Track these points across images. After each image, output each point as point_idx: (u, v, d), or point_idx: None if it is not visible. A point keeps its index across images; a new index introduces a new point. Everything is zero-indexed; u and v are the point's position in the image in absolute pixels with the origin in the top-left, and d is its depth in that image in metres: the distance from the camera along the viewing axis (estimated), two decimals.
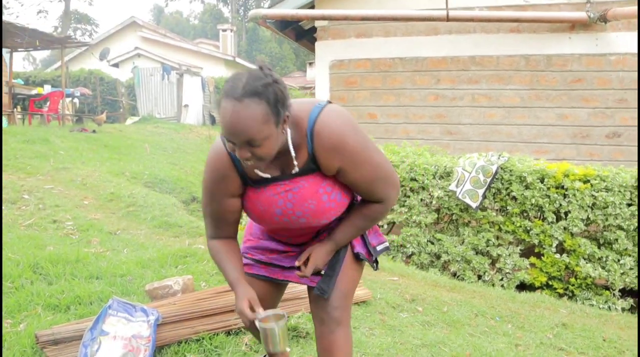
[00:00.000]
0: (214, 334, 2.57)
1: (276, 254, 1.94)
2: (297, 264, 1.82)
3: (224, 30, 26.49)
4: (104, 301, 2.90)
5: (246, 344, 2.53)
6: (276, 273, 1.93)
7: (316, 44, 6.77)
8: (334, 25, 6.61)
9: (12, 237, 4.02)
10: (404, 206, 5.08)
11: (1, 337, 1.84)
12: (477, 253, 4.91)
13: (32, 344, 2.36)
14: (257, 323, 1.66)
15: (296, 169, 1.68)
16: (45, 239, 4.10)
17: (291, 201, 1.70)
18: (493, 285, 4.74)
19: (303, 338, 2.66)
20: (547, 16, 5.80)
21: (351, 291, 1.91)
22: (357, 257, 1.89)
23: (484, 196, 4.81)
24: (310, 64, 29.23)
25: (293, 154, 1.65)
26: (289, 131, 1.63)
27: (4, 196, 5.29)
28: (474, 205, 4.81)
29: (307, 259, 1.83)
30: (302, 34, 7.75)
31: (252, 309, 1.70)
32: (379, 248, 1.94)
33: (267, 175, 1.70)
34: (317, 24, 6.70)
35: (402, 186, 5.06)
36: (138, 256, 3.78)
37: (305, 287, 2.05)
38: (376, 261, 1.96)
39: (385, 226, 5.22)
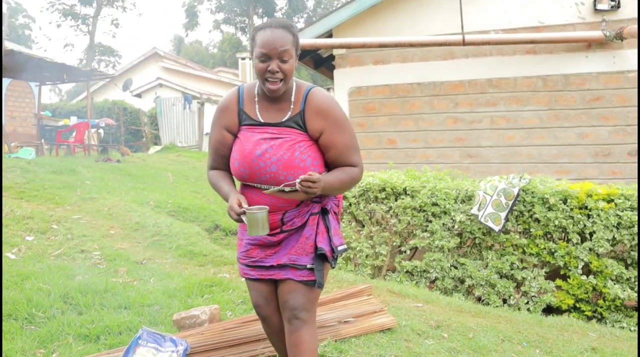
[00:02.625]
0: None
1: (256, 251, 2.19)
2: (298, 181, 1.98)
3: (243, 59, 26.92)
4: (133, 330, 2.96)
5: None
6: (263, 273, 2.19)
7: (335, 71, 6.88)
8: (351, 52, 6.72)
9: (43, 267, 4.12)
10: (426, 230, 5.07)
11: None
12: (501, 277, 4.87)
13: None
14: (247, 212, 1.99)
15: (287, 116, 2.08)
16: (74, 269, 4.19)
17: (272, 146, 2.05)
18: (519, 309, 4.68)
19: None
20: (563, 36, 5.83)
21: (316, 294, 2.18)
22: (320, 255, 2.11)
23: (507, 219, 4.79)
24: (328, 89, 29.54)
25: (293, 95, 2.10)
26: (294, 84, 2.12)
27: (34, 226, 5.43)
28: (496, 228, 4.79)
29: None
30: (320, 61, 7.89)
31: (240, 206, 2.03)
32: (339, 248, 2.16)
33: (260, 119, 2.10)
34: (335, 52, 6.82)
35: (424, 210, 5.07)
36: (165, 285, 3.84)
37: None
38: (335, 259, 2.16)
39: (408, 252, 5.22)
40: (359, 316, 3.15)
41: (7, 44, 10.55)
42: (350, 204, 5.39)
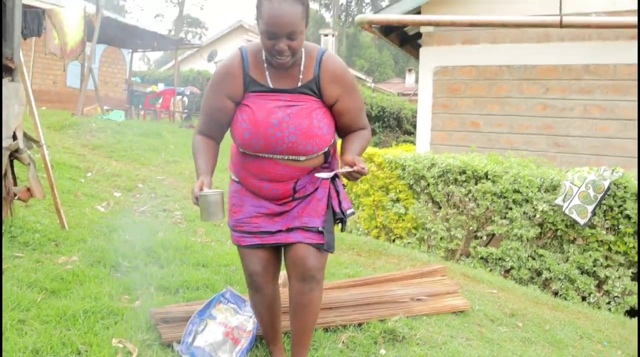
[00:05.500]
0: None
1: (262, 218, 2.08)
2: (351, 169, 1.91)
3: (326, 35, 26.86)
4: (210, 287, 3.07)
5: (343, 342, 2.57)
6: (266, 239, 2.08)
7: (421, 49, 6.72)
8: (439, 31, 6.53)
9: (128, 222, 4.35)
10: (505, 217, 4.90)
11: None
12: (582, 273, 4.63)
13: (147, 320, 2.55)
14: (199, 195, 1.89)
15: (299, 83, 1.95)
16: (156, 226, 4.39)
17: (289, 115, 1.93)
18: (599, 308, 4.45)
19: (399, 342, 2.65)
20: None
21: (326, 257, 2.11)
22: (329, 218, 2.07)
23: (594, 213, 4.53)
24: (410, 70, 28.96)
25: (303, 60, 1.96)
26: (303, 49, 1.96)
27: (121, 183, 5.75)
28: (581, 221, 4.54)
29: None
30: (406, 39, 7.72)
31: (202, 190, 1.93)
32: (348, 212, 2.13)
33: (270, 85, 1.95)
34: (423, 29, 6.66)
35: (505, 197, 4.89)
36: None
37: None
38: (343, 222, 2.13)
39: (485, 237, 5.07)
40: (431, 295, 3.10)
41: (104, 12, 11.08)
42: (428, 185, 5.29)
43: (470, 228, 5.12)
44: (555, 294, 4.65)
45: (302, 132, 1.92)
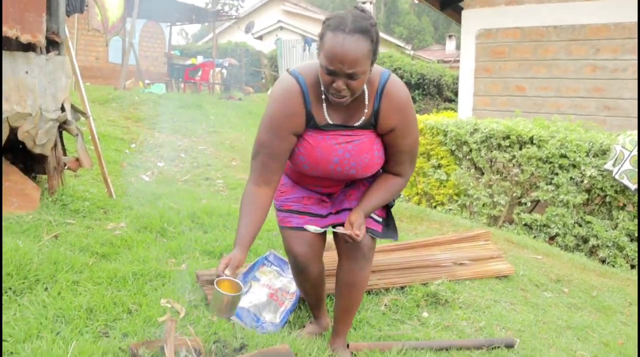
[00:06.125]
0: None
1: (312, 200, 2.05)
2: (347, 231, 1.83)
3: (364, 3, 26.37)
4: (252, 251, 3.11)
5: (385, 305, 2.58)
6: (315, 222, 2.00)
7: (463, 12, 6.52)
8: None
9: (172, 190, 4.45)
10: (550, 183, 4.77)
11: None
12: (632, 240, 4.48)
13: (193, 282, 2.62)
14: (215, 285, 1.63)
15: (362, 120, 1.82)
16: (199, 194, 4.48)
17: (350, 151, 1.83)
18: None
19: (442, 305, 2.65)
20: None
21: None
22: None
23: None
24: (450, 36, 28.21)
25: (366, 94, 1.79)
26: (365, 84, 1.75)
27: (164, 153, 5.86)
28: (632, 187, 4.38)
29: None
30: (447, 2, 7.50)
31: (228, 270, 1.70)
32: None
33: (329, 121, 1.82)
34: None
35: (550, 162, 4.76)
36: None
37: None
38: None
39: (529, 204, 4.96)
40: (475, 260, 3.07)
41: None
42: (470, 150, 5.19)
43: (514, 194, 5.01)
44: (603, 261, 4.53)
45: (363, 166, 1.86)
